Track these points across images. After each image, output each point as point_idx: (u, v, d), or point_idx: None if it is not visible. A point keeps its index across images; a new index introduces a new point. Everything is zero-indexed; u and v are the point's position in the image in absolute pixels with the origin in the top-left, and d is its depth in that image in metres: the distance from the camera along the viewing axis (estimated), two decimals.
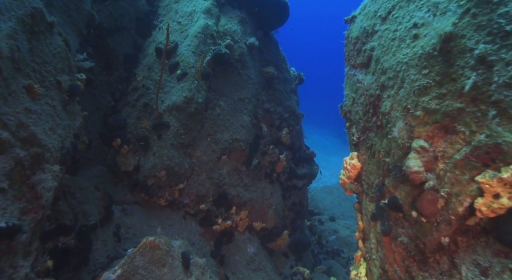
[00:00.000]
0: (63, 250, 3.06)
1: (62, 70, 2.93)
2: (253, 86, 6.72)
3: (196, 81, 5.52)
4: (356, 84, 3.90)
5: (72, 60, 3.13)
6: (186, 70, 5.55)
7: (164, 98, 5.53)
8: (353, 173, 3.86)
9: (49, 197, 2.36)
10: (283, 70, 8.10)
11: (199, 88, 5.56)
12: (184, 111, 5.32)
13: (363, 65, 3.71)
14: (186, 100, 5.32)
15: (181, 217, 5.50)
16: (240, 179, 6.19)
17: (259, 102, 6.95)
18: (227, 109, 6.14)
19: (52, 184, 2.38)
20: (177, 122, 5.29)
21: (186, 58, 5.68)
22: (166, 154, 5.12)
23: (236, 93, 6.39)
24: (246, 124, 6.32)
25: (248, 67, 6.70)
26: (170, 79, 5.70)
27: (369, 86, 3.44)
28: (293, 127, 7.86)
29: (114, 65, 6.15)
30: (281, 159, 7.26)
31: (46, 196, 2.32)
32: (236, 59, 6.45)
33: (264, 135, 7.05)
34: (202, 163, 5.65)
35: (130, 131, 5.35)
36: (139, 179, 5.09)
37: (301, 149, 8.38)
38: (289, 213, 7.90)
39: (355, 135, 3.93)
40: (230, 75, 6.38)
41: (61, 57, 2.91)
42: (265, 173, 7.00)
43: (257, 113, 6.85)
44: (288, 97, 7.95)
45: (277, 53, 8.10)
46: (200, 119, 5.61)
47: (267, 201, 6.90)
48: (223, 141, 5.89)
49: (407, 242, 2.84)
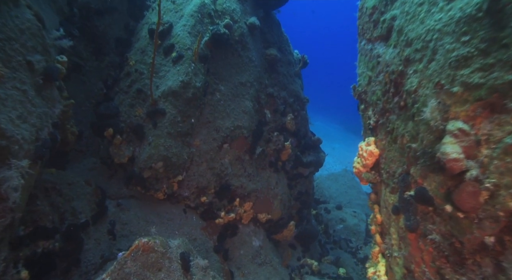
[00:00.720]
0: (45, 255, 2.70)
1: (34, 49, 2.51)
2: (255, 69, 6.26)
3: (193, 64, 5.07)
4: (372, 61, 3.45)
5: (47, 39, 2.70)
6: (182, 52, 5.09)
7: (159, 83, 5.09)
8: (370, 161, 3.45)
9: (17, 198, 1.98)
10: (286, 52, 7.61)
11: (197, 72, 5.11)
12: (181, 96, 4.89)
13: (382, 38, 3.26)
14: (182, 84, 4.88)
15: (181, 210, 5.15)
16: (243, 168, 5.81)
17: (261, 86, 6.50)
18: (228, 94, 5.71)
19: (18, 183, 1.99)
20: (174, 108, 4.87)
21: (181, 39, 5.21)
22: (163, 144, 4.72)
23: (237, 77, 5.94)
24: (249, 110, 5.89)
25: (249, 48, 6.22)
26: (165, 63, 5.25)
27: (390, 61, 3.00)
28: (298, 112, 7.42)
29: (105, 50, 5.70)
30: (286, 147, 6.86)
31: (13, 197, 1.94)
32: (236, 40, 5.97)
33: (267, 122, 6.63)
34: (202, 152, 5.26)
35: (123, 120, 4.94)
36: (135, 171, 4.71)
37: (306, 135, 7.97)
38: (295, 203, 7.55)
39: (372, 118, 3.51)
40: (230, 57, 5.92)
41: (32, 33, 2.48)
42: (269, 162, 6.61)
43: (259, 98, 6.40)
44: (292, 81, 7.49)
45: (280, 34, 7.58)
46: (199, 105, 5.18)
47: (272, 191, 6.54)
48: (224, 128, 5.48)
49: (439, 240, 2.45)
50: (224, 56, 5.83)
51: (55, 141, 2.63)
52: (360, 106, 3.81)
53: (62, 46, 2.91)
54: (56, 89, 2.85)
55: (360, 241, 9.71)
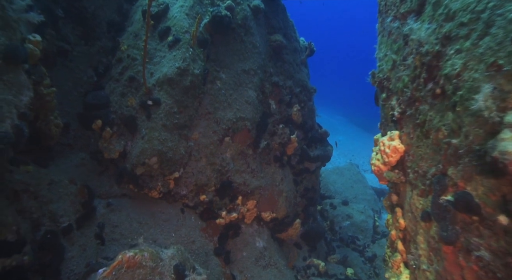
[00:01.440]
0: (8, 273, 2.28)
1: None
2: (259, 56, 5.76)
3: (191, 49, 4.58)
4: (398, 42, 2.96)
5: (10, 11, 2.23)
6: (179, 35, 4.59)
7: (153, 70, 4.61)
8: (394, 158, 2.99)
9: None
10: (292, 39, 7.08)
11: (195, 57, 4.62)
12: (178, 85, 4.42)
13: (412, 14, 2.76)
14: (179, 71, 4.40)
15: (178, 210, 4.71)
16: (246, 164, 5.36)
17: (266, 74, 6.00)
18: (230, 82, 5.22)
19: None
20: (170, 98, 4.40)
21: (178, 21, 4.71)
22: (157, 137, 4.26)
23: (240, 64, 5.45)
24: (252, 100, 5.41)
25: (252, 33, 5.71)
26: (160, 48, 4.76)
27: (423, 40, 2.50)
28: (305, 103, 6.93)
29: (95, 34, 5.20)
30: (292, 140, 6.39)
31: None
32: (238, 24, 5.46)
33: (272, 113, 6.15)
34: (201, 146, 4.80)
35: (114, 110, 4.47)
36: (126, 167, 4.27)
37: (313, 128, 7.49)
38: (301, 200, 7.11)
39: (396, 109, 3.03)
40: (232, 42, 5.42)
41: None
42: (274, 156, 6.16)
43: (264, 87, 5.92)
44: (299, 70, 6.98)
45: (285, 19, 7.05)
46: (198, 95, 4.70)
47: (277, 188, 6.09)
48: (226, 120, 5.01)
49: (489, 258, 1.99)
50: (225, 41, 5.33)
51: (22, 135, 2.19)
52: (381, 95, 3.33)
53: (30, 20, 2.44)
54: (24, 74, 2.39)
55: (368, 238, 9.31)
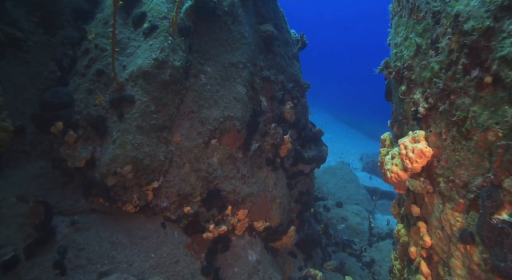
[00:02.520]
0: None
1: None
2: (248, 47, 5.15)
3: (171, 37, 3.93)
4: (425, 21, 2.41)
5: None
6: (156, 22, 3.94)
7: (126, 62, 3.94)
8: (419, 163, 2.44)
9: None
10: (283, 30, 6.50)
11: (175, 47, 3.97)
12: (155, 79, 3.76)
13: None
14: (157, 63, 3.75)
15: (158, 225, 4.07)
16: (235, 169, 4.75)
17: (256, 68, 5.40)
18: (216, 77, 4.59)
19: None
20: (145, 95, 3.74)
21: (155, 5, 4.05)
22: (131, 142, 3.60)
23: (227, 56, 4.82)
24: (241, 97, 4.80)
25: (241, 22, 5.09)
26: (134, 36, 4.09)
27: (467, 14, 1.95)
28: (298, 100, 6.37)
29: (58, 21, 4.48)
30: (286, 141, 5.82)
31: None
32: (225, 11, 4.84)
33: (263, 111, 5.55)
34: (184, 150, 4.16)
35: (79, 110, 3.78)
36: (95, 178, 3.60)
37: (306, 126, 6.94)
38: (296, 205, 6.55)
39: (422, 103, 2.48)
40: (218, 32, 4.79)
41: None
42: (266, 159, 5.57)
43: (254, 82, 5.31)
44: (291, 63, 6.41)
45: (276, 9, 6.46)
46: (179, 91, 4.06)
47: (270, 194, 5.51)
48: (212, 119, 4.38)
49: None
50: (210, 30, 4.70)
51: None
52: (399, 87, 2.77)
53: None
54: None
55: (364, 241, 8.86)
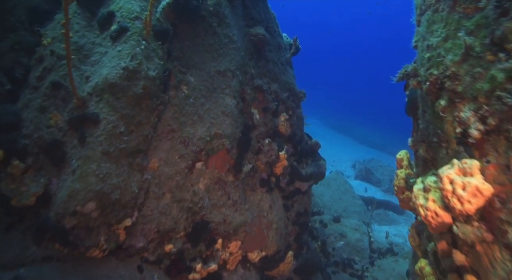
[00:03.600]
0: None
1: None
2: (237, 52, 4.50)
3: (145, 41, 3.24)
4: (480, 13, 1.80)
5: None
6: (126, 23, 3.25)
7: (90, 72, 3.23)
8: (474, 204, 1.81)
9: None
10: (275, 34, 5.89)
11: (150, 54, 3.28)
12: (125, 93, 3.06)
13: None
14: (126, 73, 3.05)
15: (134, 269, 3.33)
16: (225, 195, 4.05)
17: (246, 76, 4.75)
18: (200, 87, 3.91)
19: None
20: (113, 112, 3.03)
21: (125, 3, 3.37)
22: (95, 172, 2.87)
23: (213, 63, 4.16)
24: (231, 110, 4.13)
25: (228, 24, 4.44)
26: (100, 41, 3.38)
27: None
28: (293, 111, 5.74)
29: (9, 23, 3.74)
30: (281, 158, 5.16)
31: None
32: (210, 12, 4.18)
33: (256, 125, 4.89)
34: (163, 178, 3.45)
35: (28, 133, 3.03)
36: (50, 218, 2.85)
37: (302, 139, 6.31)
38: (293, 228, 5.88)
39: (473, 124, 1.86)
40: (203, 35, 4.12)
41: None
42: (261, 180, 4.89)
43: (244, 92, 4.65)
44: (284, 70, 5.78)
45: (266, 10, 5.85)
46: (155, 106, 3.36)
47: (265, 219, 4.83)
48: (196, 139, 3.69)
49: None
50: (193, 33, 4.03)
51: None
52: (438, 102, 2.15)
53: None
54: None
55: (365, 259, 8.26)
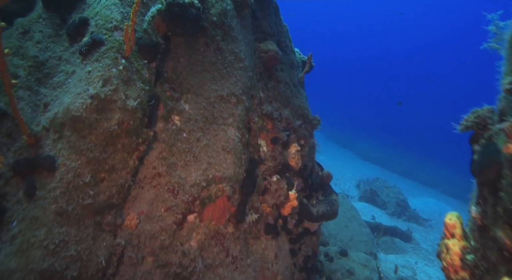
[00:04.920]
0: None
1: None
2: (244, 73, 3.71)
3: (124, 59, 2.44)
4: None
5: None
6: (101, 35, 2.45)
7: (51, 97, 2.42)
8: None
9: None
10: (288, 50, 5.12)
11: (131, 76, 2.47)
12: (93, 129, 2.24)
13: None
14: (96, 104, 2.24)
15: None
16: (224, 251, 3.21)
17: (254, 101, 3.96)
18: (197, 118, 3.10)
19: None
20: (76, 155, 2.21)
21: (103, 9, 2.58)
22: (42, 242, 2.03)
23: (214, 86, 3.36)
24: (234, 146, 3.32)
25: (235, 38, 3.67)
26: (68, 56, 2.59)
27: None
28: (306, 140, 4.93)
29: None
30: (291, 198, 4.35)
31: None
32: (213, 22, 3.40)
33: (263, 159, 4.08)
34: (143, 238, 2.61)
35: None
36: None
37: (313, 171, 5.49)
38: (300, 275, 5.03)
39: None
40: (203, 51, 3.33)
41: None
42: (266, 225, 4.06)
43: (251, 121, 3.85)
44: (297, 93, 5.00)
45: (279, 22, 5.09)
46: (135, 146, 2.53)
47: (270, 272, 3.99)
48: (189, 185, 2.87)
49: None
50: (191, 48, 3.24)
51: None
52: None
53: None
54: None
55: None
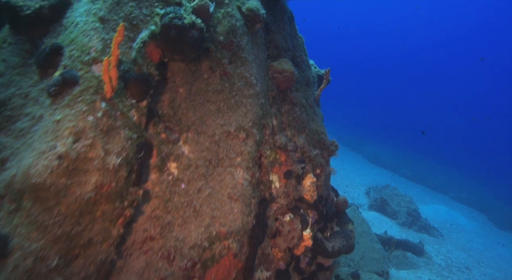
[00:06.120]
0: None
1: None
2: (255, 100, 3.16)
3: (105, 102, 1.91)
4: None
5: None
6: (75, 71, 1.92)
7: (11, 150, 1.91)
8: None
9: None
10: (303, 65, 4.55)
11: (114, 123, 1.94)
12: (61, 198, 1.72)
13: None
14: (65, 166, 1.71)
15: None
16: None
17: (265, 131, 3.41)
18: (199, 162, 2.56)
19: None
20: (38, 233, 1.69)
21: (79, 35, 2.04)
22: None
23: (219, 120, 2.82)
24: (242, 192, 2.78)
25: (245, 60, 3.11)
26: (36, 94, 2.06)
27: None
28: (322, 169, 4.37)
29: None
30: (305, 238, 3.82)
31: None
32: (219, 43, 2.86)
33: (275, 197, 3.54)
34: None
35: None
36: None
37: (328, 199, 4.94)
38: None
39: None
40: (206, 78, 2.79)
41: None
42: (276, 272, 3.54)
43: (262, 155, 3.31)
44: (313, 115, 4.43)
45: (294, 34, 4.51)
46: (120, 211, 2.01)
47: None
48: (188, 248, 2.34)
49: None
50: (192, 75, 2.70)
51: None
52: None
53: None
54: None
55: None
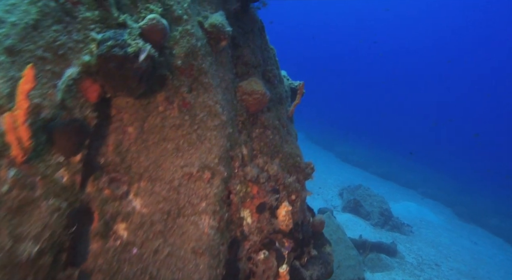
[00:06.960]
0: None
1: None
2: (221, 132, 2.74)
3: (15, 170, 1.42)
4: None
5: None
6: None
7: None
8: None
9: None
10: (275, 80, 4.17)
11: (27, 197, 1.46)
12: None
13: None
14: None
15: None
16: None
17: (234, 164, 3.00)
18: (154, 218, 2.12)
19: None
20: None
21: None
22: None
23: (179, 161, 2.38)
24: (208, 243, 2.36)
25: (208, 86, 2.68)
26: None
27: None
28: (298, 194, 4.04)
29: None
30: (282, 275, 3.48)
31: None
32: (177, 68, 2.41)
33: (247, 235, 3.16)
34: None
35: None
36: None
37: (304, 222, 4.63)
38: None
39: None
40: (162, 110, 2.34)
41: None
42: None
43: (231, 192, 2.91)
44: (287, 135, 4.07)
45: (264, 46, 4.12)
46: None
47: None
48: None
49: None
50: (144, 109, 2.24)
51: None
52: None
53: None
54: None
55: None
